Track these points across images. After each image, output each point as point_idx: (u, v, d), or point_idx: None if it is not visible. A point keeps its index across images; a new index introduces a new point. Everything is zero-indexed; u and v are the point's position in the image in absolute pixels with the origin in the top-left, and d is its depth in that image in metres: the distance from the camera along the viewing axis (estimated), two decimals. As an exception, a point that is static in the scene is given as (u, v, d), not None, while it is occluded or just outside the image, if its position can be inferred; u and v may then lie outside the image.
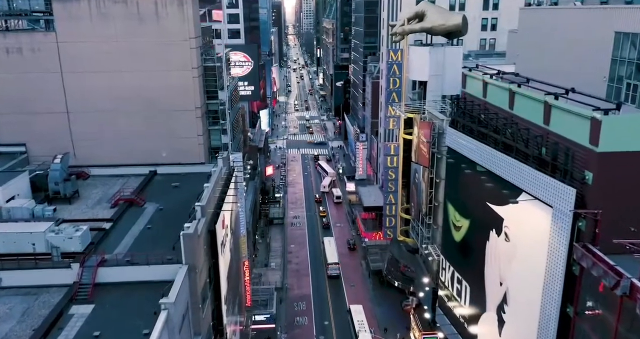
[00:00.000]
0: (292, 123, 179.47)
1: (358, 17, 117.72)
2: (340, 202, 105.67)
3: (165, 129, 49.91)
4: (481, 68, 45.08)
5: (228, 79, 61.48)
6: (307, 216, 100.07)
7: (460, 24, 54.46)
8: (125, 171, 49.95)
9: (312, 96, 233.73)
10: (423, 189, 53.92)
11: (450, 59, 55.50)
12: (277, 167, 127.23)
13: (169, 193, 45.72)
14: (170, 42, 47.73)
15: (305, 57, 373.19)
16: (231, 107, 58.84)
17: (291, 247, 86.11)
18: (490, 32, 70.50)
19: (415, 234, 59.37)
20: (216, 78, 52.24)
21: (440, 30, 55.18)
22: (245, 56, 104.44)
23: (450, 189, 44.21)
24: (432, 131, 49.77)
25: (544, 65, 43.93)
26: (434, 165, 50.74)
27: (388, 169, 63.13)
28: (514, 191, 31.87)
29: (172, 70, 48.35)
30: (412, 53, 57.58)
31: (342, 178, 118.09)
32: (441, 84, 56.43)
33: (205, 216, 36.13)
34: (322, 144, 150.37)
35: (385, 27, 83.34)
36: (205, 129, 52.40)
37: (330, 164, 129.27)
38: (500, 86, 37.20)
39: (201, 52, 51.40)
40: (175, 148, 50.33)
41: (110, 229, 37.78)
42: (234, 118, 61.22)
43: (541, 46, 43.87)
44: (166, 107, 49.34)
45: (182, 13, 47.26)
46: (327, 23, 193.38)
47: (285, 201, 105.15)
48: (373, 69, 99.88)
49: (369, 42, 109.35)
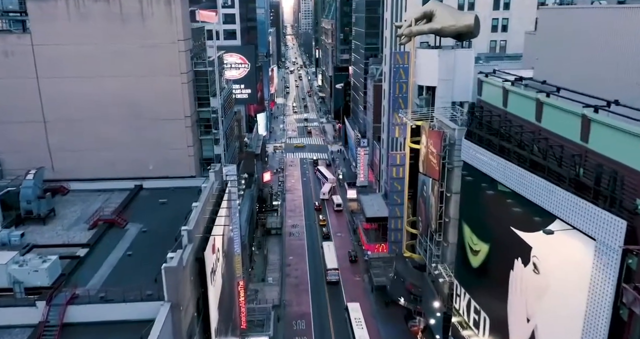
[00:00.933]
0: (291, 126, 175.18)
1: (359, 18, 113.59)
2: (341, 210, 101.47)
3: (152, 140, 45.66)
4: (499, 73, 40.91)
5: (222, 84, 57.29)
6: (307, 225, 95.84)
7: (472, 24, 50.43)
8: (108, 185, 45.68)
9: (310, 98, 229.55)
10: (432, 203, 49.83)
11: (461, 63, 51.52)
12: (275, 173, 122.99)
13: (155, 211, 41.46)
14: (156, 45, 43.48)
15: (304, 57, 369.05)
16: (225, 114, 54.62)
17: (290, 260, 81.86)
18: (500, 33, 66.43)
19: (422, 250, 55.24)
20: (208, 84, 48.01)
21: (451, 32, 51.10)
22: (241, 58, 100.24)
23: (466, 207, 40.03)
24: (442, 141, 45.70)
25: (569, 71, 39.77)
26: (445, 178, 46.69)
27: (393, 180, 58.93)
28: (546, 218, 27.72)
29: (158, 75, 44.08)
30: (419, 56, 53.46)
31: (343, 184, 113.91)
32: (451, 90, 52.42)
33: (192, 242, 31.95)
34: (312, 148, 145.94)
35: (389, 28, 79.23)
36: (196, 139, 48.16)
37: (330, 169, 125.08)
38: (525, 95, 33.03)
39: (192, 55, 47.19)
40: (163, 160, 46.07)
41: (85, 257, 33.49)
42: (228, 126, 57.00)
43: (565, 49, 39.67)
44: (153, 116, 45.07)
45: (170, 12, 43.01)
46: (326, 23, 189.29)
47: (283, 209, 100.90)
48: (375, 71, 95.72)
49: (370, 43, 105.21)
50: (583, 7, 38.89)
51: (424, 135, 51.05)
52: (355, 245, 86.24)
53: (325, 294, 72.24)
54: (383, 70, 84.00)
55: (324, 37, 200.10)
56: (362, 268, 78.82)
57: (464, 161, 38.88)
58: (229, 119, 58.29)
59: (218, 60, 56.73)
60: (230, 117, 59.59)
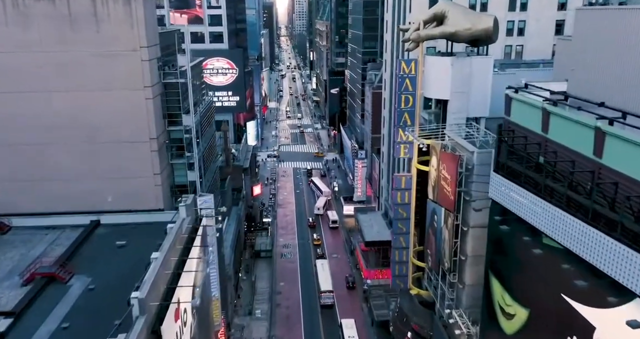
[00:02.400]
0: (284, 132, 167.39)
1: (356, 19, 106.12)
2: (337, 227, 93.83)
3: (111, 167, 37.94)
4: (531, 88, 33.43)
5: (200, 96, 49.64)
6: (299, 244, 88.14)
7: (491, 28, 43.01)
8: (58, 221, 37.96)
9: (304, 102, 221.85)
10: (445, 238, 42.30)
11: (478, 73, 44.07)
12: (266, 185, 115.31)
13: (110, 258, 33.76)
14: (113, 53, 35.74)
15: (298, 59, 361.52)
16: (203, 132, 46.94)
17: (280, 286, 74.14)
18: (517, 37, 59.14)
19: (432, 288, 47.71)
20: (180, 98, 40.31)
21: (466, 36, 43.56)
22: (228, 63, 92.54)
23: (495, 257, 32.47)
24: (458, 167, 38.21)
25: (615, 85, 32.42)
26: (461, 209, 39.22)
27: (398, 206, 51.43)
28: (621, 295, 20.23)
29: (117, 89, 36.36)
30: (429, 64, 45.81)
31: (338, 198, 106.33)
32: (466, 104, 44.94)
33: (146, 314, 24.35)
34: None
35: (389, 31, 71.75)
36: (165, 165, 40.42)
37: (325, 180, 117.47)
38: (578, 121, 25.50)
39: (160, 64, 39.46)
40: (124, 191, 38.36)
41: (5, 332, 25.69)
42: (208, 145, 49.25)
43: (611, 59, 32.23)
44: (111, 138, 37.34)
45: (130, 14, 35.28)
46: (321, 25, 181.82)
47: (274, 227, 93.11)
48: (374, 77, 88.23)
49: (368, 47, 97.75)
50: (636, 7, 31.42)
51: (435, 156, 43.55)
52: (353, 268, 78.69)
53: (319, 322, 64.77)
54: (383, 77, 76.53)
55: (319, 39, 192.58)
56: (361, 295, 71.24)
57: (492, 199, 31.34)
58: (208, 137, 50.56)
59: (196, 68, 49.04)
60: (210, 135, 51.84)
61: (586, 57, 34.23)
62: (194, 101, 46.47)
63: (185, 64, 39.52)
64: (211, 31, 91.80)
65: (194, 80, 47.55)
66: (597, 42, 32.28)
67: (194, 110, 41.29)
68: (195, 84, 47.93)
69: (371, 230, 72.52)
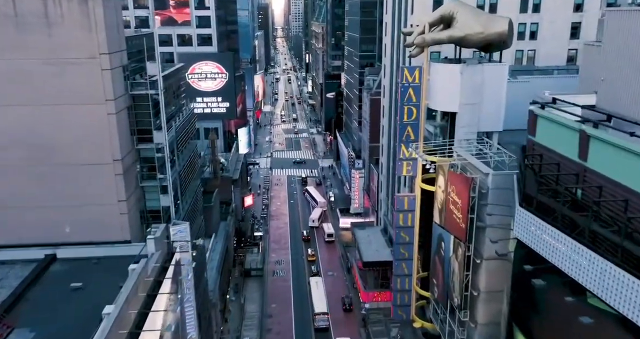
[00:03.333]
0: (278, 138, 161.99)
1: (352, 21, 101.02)
2: (333, 241, 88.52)
3: (68, 193, 32.63)
4: (560, 104, 28.32)
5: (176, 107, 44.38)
6: (293, 260, 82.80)
7: (506, 31, 37.96)
8: (8, 255, 32.56)
9: (300, 105, 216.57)
10: (455, 269, 37.14)
11: (491, 82, 39.00)
12: (258, 194, 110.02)
13: (62, 304, 28.45)
14: (68, 61, 30.45)
15: (294, 61, 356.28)
16: (181, 148, 41.65)
17: (272, 308, 68.80)
18: (528, 41, 54.08)
19: (438, 321, 42.52)
20: (151, 112, 35.01)
21: (477, 41, 38.45)
22: (218, 67, 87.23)
23: (520, 307, 27.27)
24: (470, 190, 33.09)
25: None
26: (473, 238, 34.12)
27: (400, 229, 46.26)
28: None
29: (72, 103, 31.06)
30: (435, 72, 40.57)
31: (334, 208, 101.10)
32: (477, 118, 39.81)
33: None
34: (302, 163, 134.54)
35: (389, 34, 66.62)
36: (133, 189, 35.12)
37: (320, 189, 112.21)
38: (629, 150, 20.36)
39: (126, 74, 34.16)
40: (84, 220, 33.06)
41: None
42: (188, 160, 43.93)
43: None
44: (67, 160, 32.05)
45: (87, 15, 29.99)
46: (317, 26, 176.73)
47: (266, 241, 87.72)
48: (372, 83, 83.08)
49: (366, 50, 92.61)
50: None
51: (442, 176, 38.40)
52: (350, 287, 73.44)
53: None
54: (382, 84, 71.40)
55: (314, 41, 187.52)
56: (358, 318, 65.96)
57: (518, 238, 26.16)
58: (189, 150, 45.23)
59: (175, 76, 43.81)
60: (190, 148, 46.50)
61: (619, 65, 29.07)
62: (172, 113, 41.25)
63: (155, 72, 34.18)
64: (199, 33, 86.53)
65: (173, 89, 42.34)
66: (632, 48, 27.14)
67: (171, 123, 36.06)
68: (174, 93, 42.74)
69: (369, 248, 67.30)
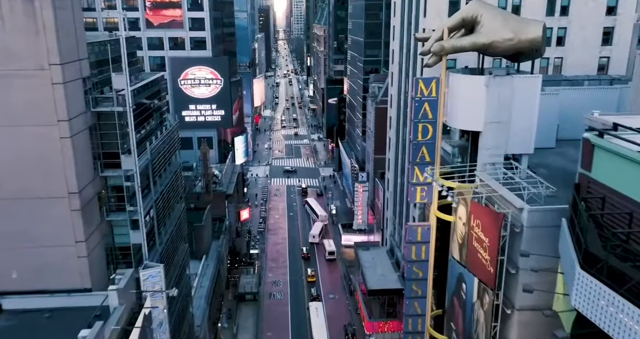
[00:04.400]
0: (278, 145, 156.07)
1: (356, 24, 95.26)
2: (334, 259, 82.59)
3: (14, 232, 26.79)
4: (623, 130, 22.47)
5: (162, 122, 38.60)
6: (291, 281, 76.86)
7: (539, 38, 32.17)
8: (-59, 306, 26.81)
9: (301, 110, 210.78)
10: (480, 319, 31.37)
11: (522, 96, 33.18)
12: (256, 206, 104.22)
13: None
14: (9, 73, 24.65)
15: (295, 64, 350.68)
16: (161, 169, 35.76)
17: (267, 338, 62.89)
18: (555, 48, 48.22)
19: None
20: (118, 133, 29.21)
21: (505, 49, 32.53)
22: (212, 72, 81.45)
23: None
24: (501, 228, 27.35)
25: None
26: (502, 284, 28.40)
27: (412, 263, 40.33)
28: None
29: (16, 125, 25.25)
30: (455, 84, 34.63)
31: (336, 222, 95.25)
32: (505, 138, 34.02)
33: None
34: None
35: (397, 39, 60.81)
36: (97, 225, 29.31)
37: (321, 200, 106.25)
38: None
39: (87, 88, 28.36)
40: (34, 265, 27.24)
41: None
42: (168, 185, 38.07)
43: None
44: (11, 194, 26.22)
45: (33, 16, 24.18)
46: (318, 29, 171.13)
47: (262, 260, 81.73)
48: (377, 90, 77.29)
49: (370, 55, 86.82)
50: None
51: (463, 206, 32.64)
52: (353, 313, 67.51)
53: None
54: (389, 92, 65.59)
55: (316, 44, 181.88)
56: (362, 350, 60.14)
57: (576, 307, 20.23)
58: (169, 174, 39.38)
59: (154, 87, 38.04)
60: (173, 168, 40.64)
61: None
62: (149, 130, 35.45)
63: (122, 85, 28.30)
64: (192, 37, 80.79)
65: (150, 102, 36.56)
66: None
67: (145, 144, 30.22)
68: (153, 107, 36.96)
69: (375, 273, 61.35)
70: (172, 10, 78.06)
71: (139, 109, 31.85)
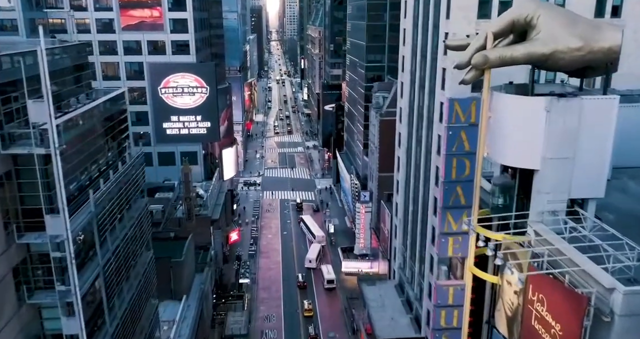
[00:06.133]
0: (271, 153, 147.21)
1: (356, 26, 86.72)
2: (334, 288, 73.98)
3: None
4: None
5: (122, 156, 29.96)
6: (286, 314, 68.19)
7: (618, 47, 23.62)
8: None
9: (295, 114, 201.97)
10: None
11: (593, 125, 24.70)
12: (247, 223, 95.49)
13: None
14: None
15: (289, 65, 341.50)
16: (112, 225, 26.99)
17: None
18: (605, 56, 40.05)
19: None
20: (41, 182, 20.49)
21: (571, 61, 23.51)
22: (197, 80, 72.59)
23: None
24: (585, 316, 18.96)
25: None
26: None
27: (440, 331, 31.85)
28: None
29: None
30: (502, 107, 25.72)
31: (334, 242, 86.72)
32: (569, 178, 25.73)
33: None
34: None
35: (409, 44, 52.28)
36: (12, 312, 20.54)
37: (318, 217, 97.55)
38: None
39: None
40: None
41: None
42: (125, 240, 29.25)
43: None
44: None
45: None
46: (313, 31, 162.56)
47: (253, 291, 72.91)
48: (382, 101, 68.77)
49: (373, 61, 78.23)
50: None
51: (516, 270, 24.18)
52: (356, 355, 59.12)
53: None
54: (399, 106, 57.11)
55: (310, 47, 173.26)
56: None
57: None
58: (130, 219, 30.57)
59: (108, 110, 29.37)
60: (133, 216, 31.81)
61: None
62: (98, 170, 26.72)
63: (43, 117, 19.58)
64: (174, 40, 71.96)
65: (101, 132, 27.84)
66: None
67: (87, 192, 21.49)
68: (105, 139, 28.24)
69: (383, 316, 52.74)
70: (140, 10, 69.14)
71: (76, 146, 23.11)
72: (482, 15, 38.82)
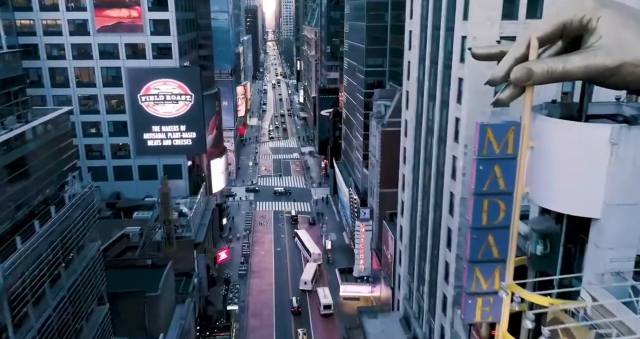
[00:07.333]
0: (265, 160, 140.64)
1: (355, 27, 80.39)
2: (331, 314, 67.58)
3: None
4: None
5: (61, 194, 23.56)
6: (278, 345, 61.95)
7: None
8: None
9: (291, 118, 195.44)
10: None
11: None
12: (237, 239, 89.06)
13: None
14: None
15: (284, 66, 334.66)
16: (33, 298, 20.57)
17: None
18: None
19: None
20: None
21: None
22: (180, 86, 66.18)
23: None
24: None
25: None
26: None
27: None
28: None
29: None
30: (548, 136, 19.29)
31: (331, 260, 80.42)
32: (635, 230, 19.53)
33: None
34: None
35: (416, 48, 45.93)
36: None
37: (314, 231, 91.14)
38: None
39: None
40: None
41: None
42: (64, 303, 22.77)
43: None
44: None
45: None
46: (309, 31, 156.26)
47: (243, 318, 66.47)
48: (383, 109, 62.42)
49: (373, 65, 71.89)
50: None
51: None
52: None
53: None
54: (404, 117, 50.78)
55: (306, 48, 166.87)
56: None
57: None
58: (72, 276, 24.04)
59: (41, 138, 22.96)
60: (85, 262, 25.29)
61: None
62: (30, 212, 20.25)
63: None
64: (155, 43, 65.46)
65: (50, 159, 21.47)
66: None
67: None
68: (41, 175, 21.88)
69: (387, 357, 46.50)
70: (117, 10, 62.69)
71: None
72: (507, 16, 32.56)
